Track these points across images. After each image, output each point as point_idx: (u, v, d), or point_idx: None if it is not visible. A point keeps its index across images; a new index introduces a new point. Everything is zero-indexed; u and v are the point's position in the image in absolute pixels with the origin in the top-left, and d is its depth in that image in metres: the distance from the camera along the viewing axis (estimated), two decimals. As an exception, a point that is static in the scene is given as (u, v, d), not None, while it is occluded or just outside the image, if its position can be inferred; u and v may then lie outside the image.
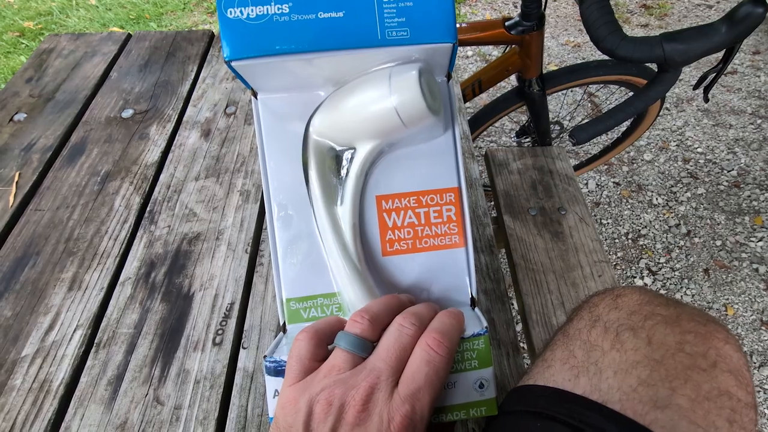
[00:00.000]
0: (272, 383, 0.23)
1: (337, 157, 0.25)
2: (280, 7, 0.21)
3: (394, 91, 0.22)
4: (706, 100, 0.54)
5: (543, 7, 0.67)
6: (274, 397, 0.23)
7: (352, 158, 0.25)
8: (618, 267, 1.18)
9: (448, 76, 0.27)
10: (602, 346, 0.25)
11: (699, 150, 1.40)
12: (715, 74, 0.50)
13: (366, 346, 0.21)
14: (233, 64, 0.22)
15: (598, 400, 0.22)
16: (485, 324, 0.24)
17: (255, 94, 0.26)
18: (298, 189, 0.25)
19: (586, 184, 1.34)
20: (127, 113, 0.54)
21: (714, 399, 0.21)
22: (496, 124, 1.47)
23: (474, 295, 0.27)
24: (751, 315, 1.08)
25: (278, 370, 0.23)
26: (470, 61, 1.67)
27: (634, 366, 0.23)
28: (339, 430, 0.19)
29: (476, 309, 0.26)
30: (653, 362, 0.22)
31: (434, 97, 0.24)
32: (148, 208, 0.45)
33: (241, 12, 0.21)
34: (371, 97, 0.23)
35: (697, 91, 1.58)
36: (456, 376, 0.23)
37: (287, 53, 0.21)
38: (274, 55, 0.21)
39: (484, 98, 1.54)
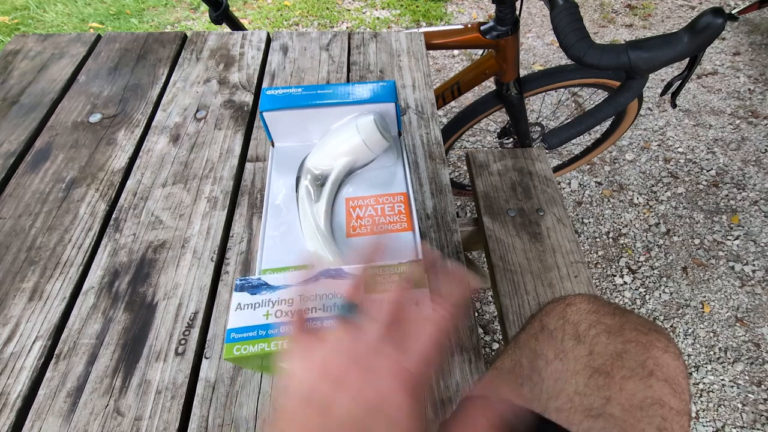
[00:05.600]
0: (236, 297, 0.29)
1: (320, 176, 0.37)
2: (296, 89, 0.38)
3: (360, 131, 0.36)
4: (674, 105, 0.55)
5: (518, 11, 0.67)
6: (236, 310, 0.28)
7: (329, 175, 0.37)
8: (598, 266, 1.20)
9: (399, 134, 0.41)
10: (547, 355, 0.25)
11: (680, 150, 1.43)
12: (680, 81, 0.51)
13: (353, 308, 0.22)
14: (264, 114, 0.37)
15: (537, 409, 0.23)
16: (421, 257, 0.33)
17: (273, 144, 0.40)
18: (289, 194, 0.37)
19: (569, 183, 1.36)
20: (95, 118, 0.53)
21: (646, 408, 0.22)
22: (481, 124, 1.48)
23: (420, 258, 0.34)
24: (727, 312, 1.11)
25: (244, 286, 0.29)
26: (456, 60, 1.67)
27: (574, 375, 0.23)
28: (340, 389, 0.18)
29: (418, 245, 0.35)
30: (592, 371, 0.23)
31: (386, 130, 0.37)
32: (113, 216, 0.45)
33: (275, 90, 0.38)
34: (346, 137, 0.36)
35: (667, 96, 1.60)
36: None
37: (298, 107, 0.37)
38: (290, 108, 0.37)
39: (469, 97, 1.54)
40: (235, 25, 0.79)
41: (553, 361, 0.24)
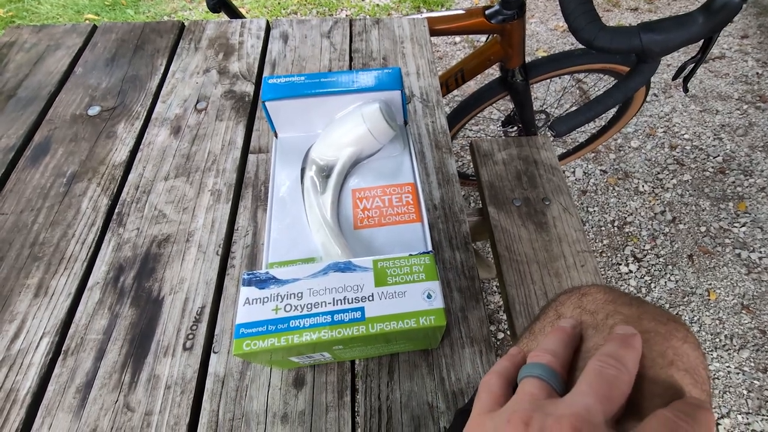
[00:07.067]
0: (244, 292, 0.28)
1: (325, 167, 0.37)
2: (298, 78, 0.37)
3: (365, 120, 0.35)
4: (686, 90, 0.54)
5: (524, -6, 0.65)
6: (244, 305, 0.28)
7: (334, 165, 0.36)
8: (604, 254, 1.19)
9: (405, 122, 0.40)
10: None
11: (686, 136, 1.41)
12: (693, 65, 0.49)
13: (558, 378, 0.20)
14: (266, 103, 0.36)
15: None
16: (430, 248, 0.33)
17: (276, 135, 0.39)
18: (294, 186, 0.36)
19: (573, 172, 1.34)
20: (94, 110, 0.52)
21: (667, 398, 0.21)
22: (485, 112, 1.46)
23: (430, 249, 0.33)
24: (733, 299, 1.10)
25: (252, 281, 0.28)
26: (458, 47, 1.64)
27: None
28: None
29: (427, 236, 0.34)
30: None
31: (392, 119, 0.37)
32: (116, 210, 0.44)
33: (277, 79, 0.37)
34: (351, 126, 0.36)
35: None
36: (405, 286, 0.28)
37: (301, 96, 0.36)
38: (293, 97, 0.36)
39: (471, 86, 1.52)
40: (233, 13, 0.77)
41: None
